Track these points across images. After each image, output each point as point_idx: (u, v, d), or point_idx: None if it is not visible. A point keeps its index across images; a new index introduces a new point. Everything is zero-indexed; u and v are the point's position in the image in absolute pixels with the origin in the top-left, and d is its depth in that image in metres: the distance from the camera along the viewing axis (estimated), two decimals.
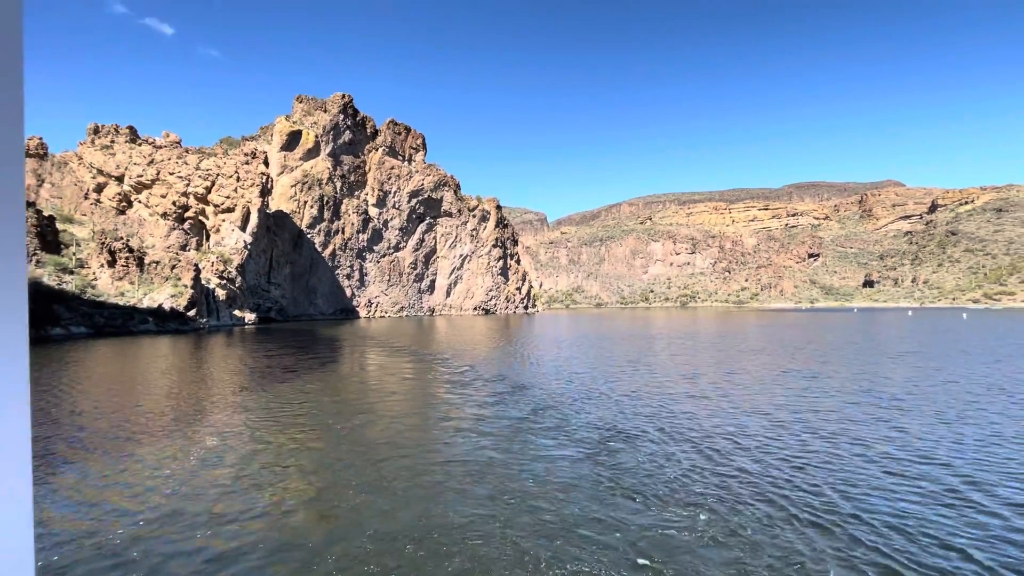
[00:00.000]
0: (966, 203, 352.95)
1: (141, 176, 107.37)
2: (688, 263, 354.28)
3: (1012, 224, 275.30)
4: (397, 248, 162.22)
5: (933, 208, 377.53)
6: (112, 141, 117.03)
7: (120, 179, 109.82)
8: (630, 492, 12.63)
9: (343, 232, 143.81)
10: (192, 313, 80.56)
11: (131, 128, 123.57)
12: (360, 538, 10.33)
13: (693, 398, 24.81)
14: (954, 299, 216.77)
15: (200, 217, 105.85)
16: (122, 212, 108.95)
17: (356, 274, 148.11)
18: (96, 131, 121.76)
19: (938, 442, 16.83)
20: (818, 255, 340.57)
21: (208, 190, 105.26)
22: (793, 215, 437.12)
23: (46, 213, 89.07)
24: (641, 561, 9.48)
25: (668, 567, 9.30)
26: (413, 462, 15.45)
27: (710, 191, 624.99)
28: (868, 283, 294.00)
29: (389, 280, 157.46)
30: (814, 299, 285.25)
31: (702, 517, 11.21)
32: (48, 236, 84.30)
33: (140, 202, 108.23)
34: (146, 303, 79.02)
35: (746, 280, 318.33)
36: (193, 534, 10.51)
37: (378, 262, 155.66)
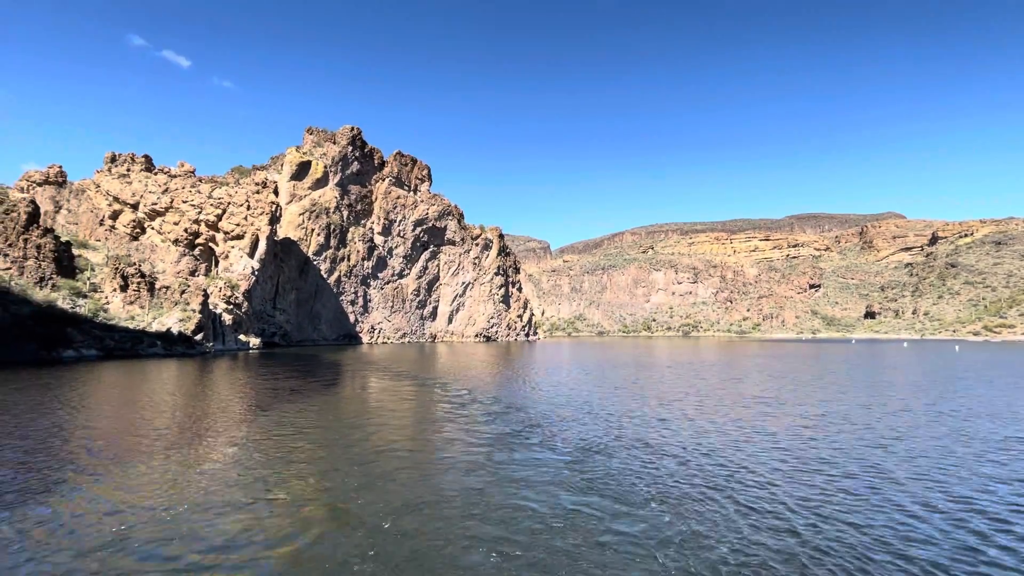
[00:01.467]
0: (966, 235, 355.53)
1: (155, 204, 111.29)
2: (690, 292, 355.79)
3: (1011, 257, 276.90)
4: (401, 275, 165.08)
5: (933, 240, 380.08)
6: (128, 170, 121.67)
7: (135, 206, 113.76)
8: (600, 489, 14.42)
9: (349, 259, 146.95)
10: (199, 337, 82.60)
11: (147, 157, 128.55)
12: (360, 561, 10.79)
13: (662, 420, 26.68)
14: (954, 331, 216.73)
15: (210, 244, 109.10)
16: (135, 238, 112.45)
17: (360, 300, 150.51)
18: (113, 160, 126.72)
19: (820, 445, 18.53)
20: (819, 286, 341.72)
21: (219, 218, 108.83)
22: (794, 246, 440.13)
23: (63, 239, 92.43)
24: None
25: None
26: (415, 486, 17.16)
27: (712, 221, 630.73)
28: (869, 314, 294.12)
29: (392, 307, 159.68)
30: (816, 330, 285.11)
31: (653, 505, 12.94)
32: (64, 261, 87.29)
33: (153, 229, 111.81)
34: (155, 327, 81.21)
35: (748, 310, 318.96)
36: (188, 549, 11.12)
37: (382, 289, 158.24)
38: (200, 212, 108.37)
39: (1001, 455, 19.99)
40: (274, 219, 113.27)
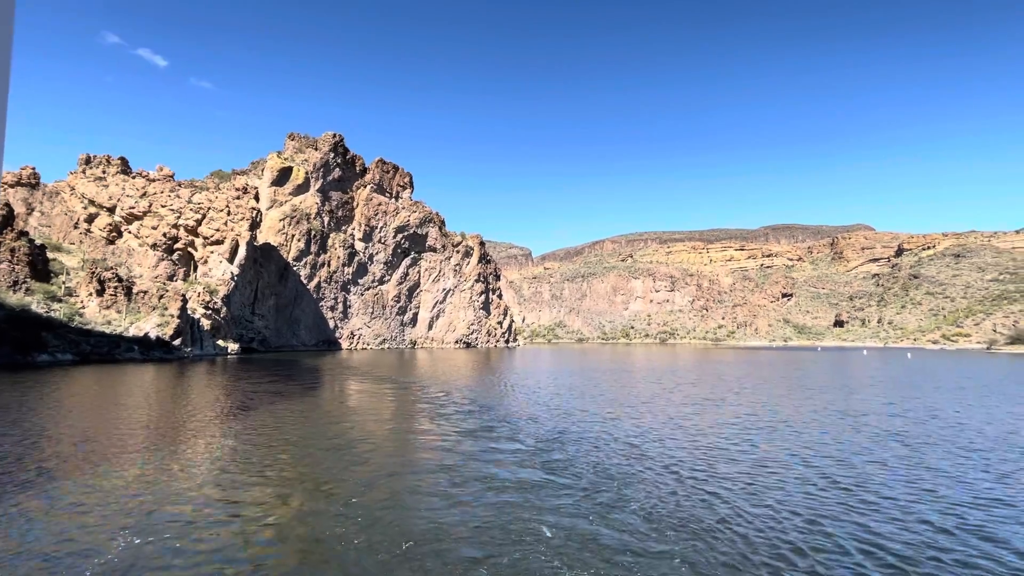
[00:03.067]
0: (928, 248, 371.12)
1: (133, 208, 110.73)
2: (667, 300, 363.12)
3: (969, 269, 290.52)
4: (381, 281, 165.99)
5: (899, 252, 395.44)
6: (104, 172, 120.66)
7: (112, 210, 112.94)
8: (551, 468, 16.92)
9: (329, 265, 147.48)
10: (177, 342, 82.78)
11: (123, 159, 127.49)
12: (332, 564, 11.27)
13: (611, 419, 29.32)
14: (915, 340, 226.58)
15: (189, 249, 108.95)
16: (112, 242, 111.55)
17: (340, 306, 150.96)
18: (88, 161, 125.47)
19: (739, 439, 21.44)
20: (791, 295, 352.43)
21: (199, 222, 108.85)
22: (768, 256, 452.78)
23: (37, 242, 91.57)
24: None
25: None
26: (389, 482, 19.37)
27: (690, 230, 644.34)
28: (838, 323, 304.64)
29: (372, 313, 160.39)
30: (787, 338, 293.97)
31: (590, 475, 15.49)
32: (38, 264, 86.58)
33: (130, 233, 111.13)
34: (132, 332, 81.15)
35: (723, 318, 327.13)
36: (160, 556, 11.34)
37: (362, 295, 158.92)
38: (179, 217, 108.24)
39: (854, 438, 23.13)
40: (254, 225, 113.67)
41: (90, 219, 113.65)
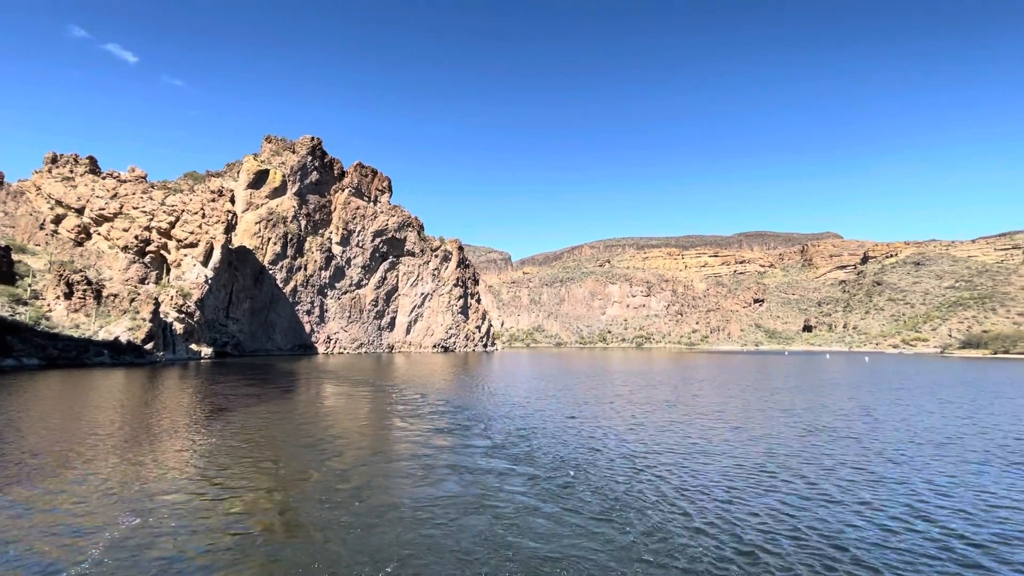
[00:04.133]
0: (891, 256, 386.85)
1: (103, 209, 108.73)
2: (643, 305, 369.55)
3: (928, 277, 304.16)
4: (359, 285, 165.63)
5: (865, 260, 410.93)
6: (71, 171, 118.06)
7: (80, 211, 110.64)
8: (516, 458, 18.67)
9: (305, 269, 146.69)
10: (149, 346, 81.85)
11: (91, 158, 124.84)
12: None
13: (571, 417, 31.35)
14: (877, 344, 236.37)
15: (162, 251, 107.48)
16: (80, 244, 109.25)
17: (316, 310, 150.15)
18: (54, 160, 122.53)
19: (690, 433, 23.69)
20: (763, 300, 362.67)
21: (172, 225, 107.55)
22: (741, 262, 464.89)
23: (0, 243, 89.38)
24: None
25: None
26: (362, 483, 20.82)
27: (666, 236, 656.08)
28: (807, 328, 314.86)
29: (349, 317, 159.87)
30: (759, 342, 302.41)
31: (546, 463, 17.29)
32: (2, 266, 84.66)
33: (100, 235, 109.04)
34: (102, 336, 79.95)
35: (697, 323, 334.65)
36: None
37: (339, 299, 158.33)
38: (152, 219, 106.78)
39: (775, 431, 25.62)
40: (230, 228, 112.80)
41: (57, 220, 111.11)
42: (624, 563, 11.62)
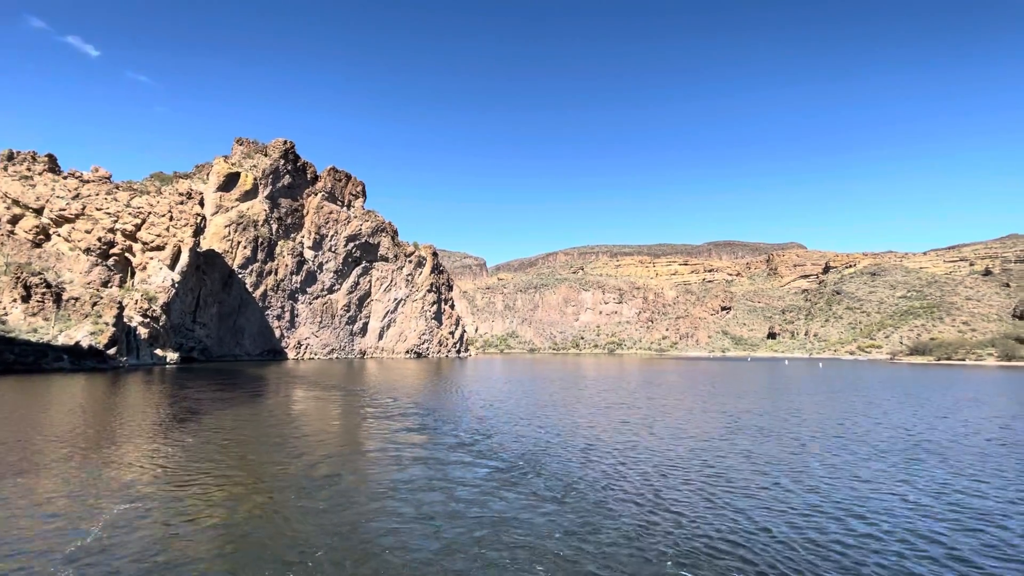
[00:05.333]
0: (851, 266, 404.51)
1: (64, 210, 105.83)
2: (616, 312, 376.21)
3: (883, 287, 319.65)
4: (331, 290, 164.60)
5: (826, 270, 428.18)
6: (29, 169, 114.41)
7: (39, 211, 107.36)
8: (481, 452, 20.52)
9: (276, 273, 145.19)
10: (112, 351, 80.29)
11: (50, 156, 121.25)
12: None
13: (537, 416, 33.40)
14: (835, 351, 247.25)
15: (127, 254, 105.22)
16: (38, 245, 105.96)
17: (287, 315, 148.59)
18: (10, 158, 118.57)
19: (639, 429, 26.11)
20: (730, 308, 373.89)
21: (138, 227, 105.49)
22: (710, 271, 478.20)
23: None
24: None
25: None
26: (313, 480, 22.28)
27: (639, 244, 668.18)
28: (771, 335, 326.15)
29: (321, 322, 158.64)
30: (725, 348, 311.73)
31: (504, 456, 19.17)
32: None
33: (60, 236, 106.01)
34: (62, 340, 78.11)
35: (667, 329, 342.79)
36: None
37: (310, 304, 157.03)
38: (117, 221, 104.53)
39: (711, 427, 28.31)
40: (199, 231, 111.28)
41: (14, 220, 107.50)
42: (555, 527, 13.60)
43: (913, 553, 12.86)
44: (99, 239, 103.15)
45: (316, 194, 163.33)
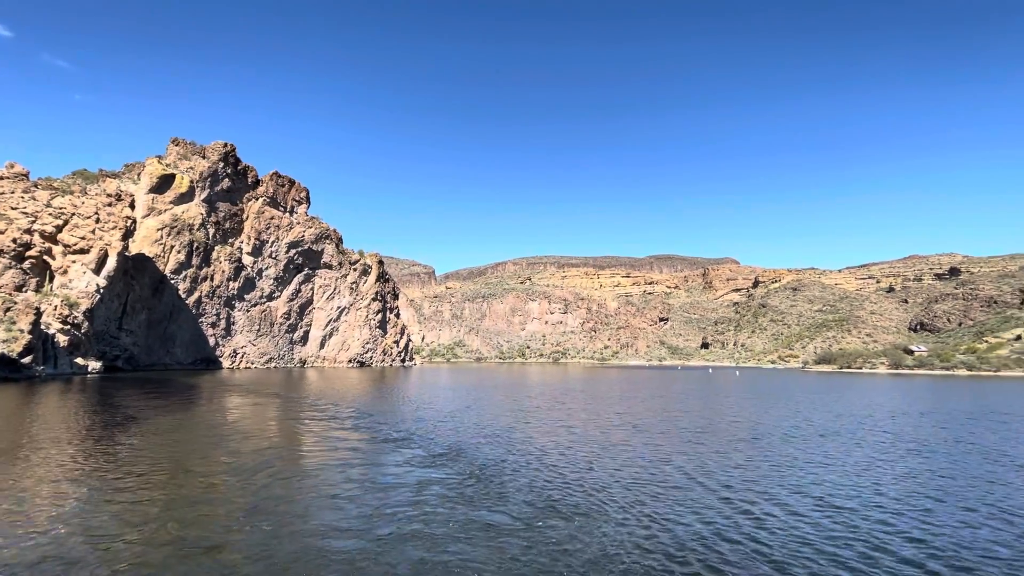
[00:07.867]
0: (776, 281, 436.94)
1: None
2: (561, 322, 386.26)
3: (803, 301, 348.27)
4: (271, 298, 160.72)
5: (756, 284, 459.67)
6: None
7: None
8: (415, 450, 23.74)
9: (212, 279, 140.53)
10: (27, 360, 76.22)
11: None
12: None
13: (475, 421, 37.02)
14: (759, 360, 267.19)
15: (45, 257, 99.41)
16: None
17: (223, 323, 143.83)
18: None
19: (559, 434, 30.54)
20: (667, 319, 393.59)
21: (59, 229, 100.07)
22: (650, 283, 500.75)
23: None
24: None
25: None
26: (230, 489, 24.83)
27: (585, 256, 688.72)
28: (704, 345, 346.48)
29: (259, 330, 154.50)
30: (662, 358, 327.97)
31: (444, 456, 22.58)
32: None
33: None
34: None
35: (609, 339, 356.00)
36: None
37: (248, 311, 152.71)
38: (35, 221, 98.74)
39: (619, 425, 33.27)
40: (128, 234, 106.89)
41: None
42: (469, 504, 17.23)
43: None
44: (14, 240, 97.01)
45: (257, 199, 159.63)
